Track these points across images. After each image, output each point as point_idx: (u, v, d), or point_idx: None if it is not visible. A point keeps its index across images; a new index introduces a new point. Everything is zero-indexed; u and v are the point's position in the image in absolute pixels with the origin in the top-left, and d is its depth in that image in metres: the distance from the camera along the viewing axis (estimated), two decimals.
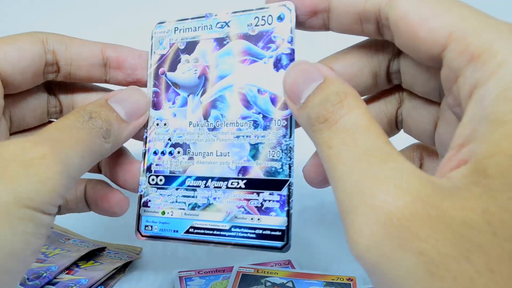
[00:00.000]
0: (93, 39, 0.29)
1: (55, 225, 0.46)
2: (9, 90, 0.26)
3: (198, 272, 0.39)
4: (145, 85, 0.28)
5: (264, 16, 0.26)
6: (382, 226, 0.16)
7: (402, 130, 0.28)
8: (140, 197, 0.28)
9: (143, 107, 0.27)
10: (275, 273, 0.37)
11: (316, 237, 0.43)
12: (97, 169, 0.30)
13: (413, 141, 0.28)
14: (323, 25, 0.24)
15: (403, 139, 0.27)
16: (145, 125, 0.28)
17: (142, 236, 0.27)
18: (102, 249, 0.42)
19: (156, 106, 0.28)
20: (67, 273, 0.38)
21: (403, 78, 0.25)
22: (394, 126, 0.27)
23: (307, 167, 0.26)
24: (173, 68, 0.28)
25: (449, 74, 0.20)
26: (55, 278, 0.37)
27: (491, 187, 0.16)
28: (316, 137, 0.21)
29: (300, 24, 0.25)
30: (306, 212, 0.45)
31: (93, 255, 0.41)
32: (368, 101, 0.27)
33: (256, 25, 0.26)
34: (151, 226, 0.27)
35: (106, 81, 0.29)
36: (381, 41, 0.25)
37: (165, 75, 0.28)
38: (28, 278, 0.36)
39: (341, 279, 0.36)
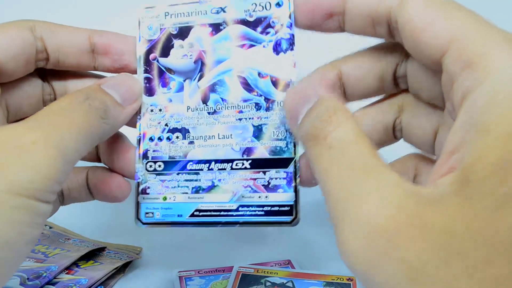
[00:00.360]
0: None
1: (55, 225, 0.45)
2: (3, 78, 0.26)
3: (198, 272, 0.39)
4: (134, 72, 0.28)
5: (262, 2, 0.26)
6: (367, 238, 0.17)
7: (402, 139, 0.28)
8: (138, 184, 0.27)
9: (137, 91, 0.27)
10: (275, 273, 0.37)
11: (316, 237, 0.43)
12: (96, 157, 0.30)
13: (412, 149, 0.28)
14: (339, 27, 0.25)
15: (400, 148, 0.27)
16: (138, 112, 0.27)
17: (143, 223, 0.27)
18: (102, 249, 0.42)
19: (149, 92, 0.28)
20: (67, 273, 0.37)
21: (409, 82, 0.25)
22: (391, 135, 0.27)
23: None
24: (165, 53, 0.28)
25: (447, 80, 0.20)
26: (55, 278, 0.36)
27: (472, 194, 0.16)
28: (309, 154, 0.21)
29: (317, 26, 0.25)
30: (305, 212, 0.45)
31: (93, 255, 0.41)
32: (366, 110, 0.27)
33: (254, 11, 0.26)
34: (153, 213, 0.27)
35: (94, 68, 0.29)
36: (390, 46, 0.25)
37: (157, 61, 0.28)
38: (28, 278, 0.35)
39: (341, 279, 0.36)
